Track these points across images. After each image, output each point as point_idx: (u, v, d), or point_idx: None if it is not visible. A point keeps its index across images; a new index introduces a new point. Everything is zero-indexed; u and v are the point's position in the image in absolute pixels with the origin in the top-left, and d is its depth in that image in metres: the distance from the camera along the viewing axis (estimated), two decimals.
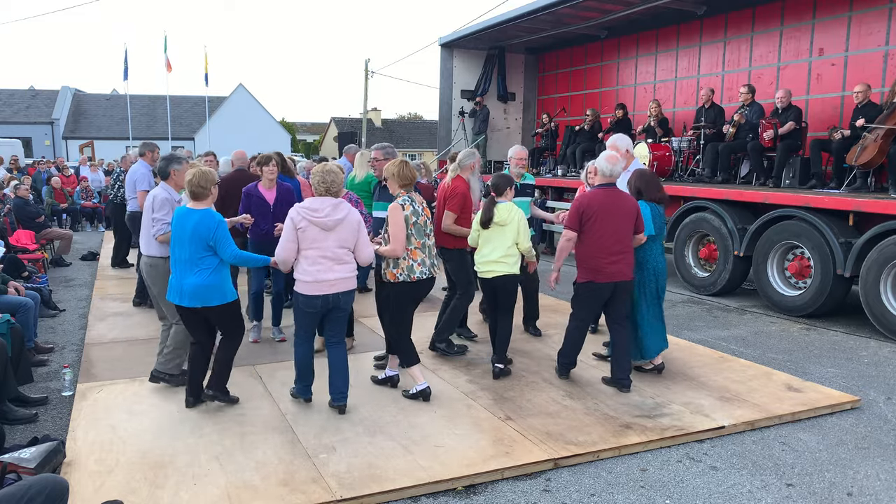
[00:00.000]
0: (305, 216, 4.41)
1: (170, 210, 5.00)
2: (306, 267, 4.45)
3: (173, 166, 5.26)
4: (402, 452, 4.06)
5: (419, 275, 4.86)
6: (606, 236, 5.05)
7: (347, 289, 4.57)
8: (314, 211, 4.42)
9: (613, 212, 5.06)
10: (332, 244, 4.45)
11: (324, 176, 4.47)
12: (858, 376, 5.79)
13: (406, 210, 4.82)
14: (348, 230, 4.50)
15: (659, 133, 10.97)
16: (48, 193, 16.02)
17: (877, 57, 8.75)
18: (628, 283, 5.18)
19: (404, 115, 66.08)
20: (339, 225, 4.45)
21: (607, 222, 5.04)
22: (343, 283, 4.53)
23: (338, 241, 4.46)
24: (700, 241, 9.27)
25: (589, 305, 5.29)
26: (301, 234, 4.41)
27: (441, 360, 5.90)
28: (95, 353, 6.07)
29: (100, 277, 9.82)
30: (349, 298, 4.63)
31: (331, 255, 4.45)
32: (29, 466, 3.55)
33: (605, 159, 5.17)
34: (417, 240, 4.86)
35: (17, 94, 41.92)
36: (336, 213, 4.45)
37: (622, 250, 5.08)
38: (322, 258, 4.44)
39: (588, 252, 5.12)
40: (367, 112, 34.00)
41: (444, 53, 14.66)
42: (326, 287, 4.46)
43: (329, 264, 4.45)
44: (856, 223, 7.38)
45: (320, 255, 4.43)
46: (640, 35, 12.43)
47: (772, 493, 3.74)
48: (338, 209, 4.47)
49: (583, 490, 3.76)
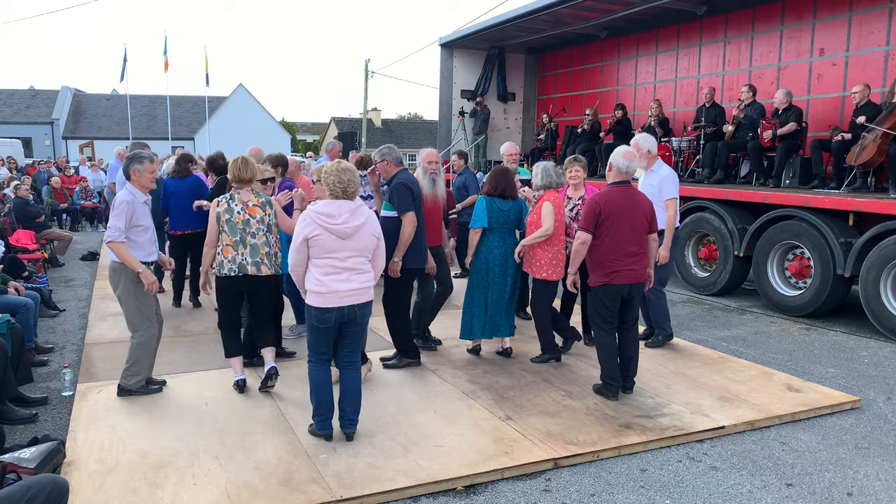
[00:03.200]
0: (321, 223, 3.97)
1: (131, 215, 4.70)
2: (319, 276, 4.01)
3: (133, 166, 4.86)
4: (402, 452, 4.06)
5: (227, 271, 4.91)
6: (624, 237, 4.84)
7: (365, 300, 4.13)
8: (330, 217, 3.98)
9: (630, 210, 4.87)
10: (350, 253, 4.04)
11: (340, 175, 4.04)
12: (858, 376, 5.79)
13: (219, 207, 4.93)
14: (367, 237, 4.10)
15: (659, 133, 10.96)
16: (48, 193, 16.01)
17: (877, 57, 8.74)
18: (642, 284, 5.07)
19: (404, 115, 66.12)
20: (358, 232, 4.05)
21: (624, 222, 4.84)
22: (360, 295, 4.09)
23: (356, 249, 4.06)
24: (700, 241, 9.27)
25: (609, 309, 4.97)
26: (314, 241, 3.99)
27: (441, 360, 5.89)
28: (95, 353, 6.07)
29: (100, 277, 9.80)
30: (366, 311, 4.18)
31: (348, 266, 4.04)
32: (29, 466, 3.55)
33: (621, 155, 4.98)
34: (230, 237, 4.90)
35: (17, 94, 41.95)
36: (355, 219, 4.05)
37: (638, 251, 4.91)
38: (338, 269, 4.03)
39: (603, 254, 4.88)
40: (367, 112, 34.03)
41: (444, 53, 14.66)
42: (341, 298, 4.02)
43: (346, 274, 4.04)
44: (856, 223, 7.38)
45: (335, 264, 4.02)
46: (640, 35, 12.43)
47: (772, 493, 3.74)
48: (356, 214, 4.06)
49: (583, 490, 3.76)
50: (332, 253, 3.99)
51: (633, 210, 4.90)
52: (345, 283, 4.03)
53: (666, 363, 5.86)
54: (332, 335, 4.15)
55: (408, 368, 5.60)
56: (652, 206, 5.07)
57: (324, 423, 4.20)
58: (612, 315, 5.00)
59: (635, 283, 4.96)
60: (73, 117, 41.79)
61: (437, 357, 5.97)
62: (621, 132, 11.52)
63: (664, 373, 5.60)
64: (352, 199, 4.10)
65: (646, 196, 5.13)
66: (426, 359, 5.88)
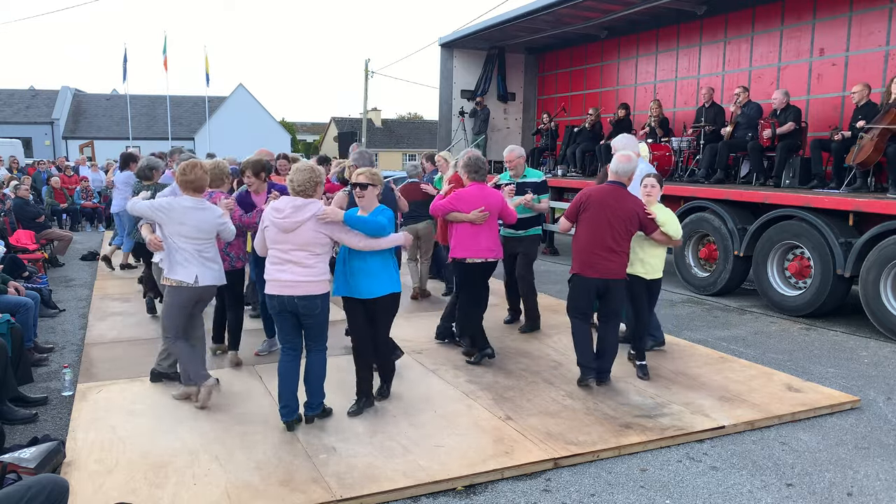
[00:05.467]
0: (268, 215, 4.38)
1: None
2: (267, 265, 4.41)
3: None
4: (402, 452, 4.06)
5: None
6: (602, 231, 5.06)
7: (304, 293, 4.28)
8: (278, 211, 4.33)
9: (610, 207, 5.08)
10: (291, 246, 4.30)
11: (292, 175, 4.36)
12: (858, 376, 5.79)
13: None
14: (309, 233, 4.29)
15: (659, 133, 10.97)
16: (48, 193, 16.02)
17: (877, 57, 8.74)
18: (620, 281, 5.20)
19: (404, 115, 66.15)
20: (300, 227, 4.27)
21: (603, 217, 5.07)
22: (297, 287, 4.27)
23: (297, 244, 4.30)
24: (700, 241, 9.26)
25: (579, 297, 5.24)
26: (266, 232, 4.39)
27: (441, 359, 5.89)
28: (95, 353, 6.06)
29: (100, 277, 9.82)
30: (308, 304, 4.29)
31: (289, 258, 4.30)
32: (29, 466, 3.55)
33: (617, 157, 5.27)
34: None
35: (17, 94, 41.93)
36: (297, 215, 4.27)
37: (617, 249, 5.08)
38: (281, 259, 4.33)
39: (582, 245, 5.17)
40: (367, 112, 34.03)
41: (444, 53, 14.65)
42: (281, 288, 4.30)
43: (288, 266, 4.31)
44: (856, 223, 7.38)
45: (279, 256, 4.33)
46: (640, 35, 12.42)
47: (772, 493, 3.74)
48: (301, 211, 4.28)
49: (583, 490, 3.76)
50: (276, 244, 4.35)
51: (615, 208, 5.09)
52: (283, 274, 4.32)
53: (666, 363, 5.86)
54: (289, 323, 4.41)
55: (408, 369, 5.60)
56: (637, 209, 5.17)
57: (282, 410, 4.40)
58: (585, 305, 5.27)
59: (612, 279, 5.11)
60: (73, 117, 41.77)
61: (437, 357, 5.97)
62: (621, 132, 11.49)
63: (664, 373, 5.60)
64: (306, 197, 4.32)
65: (638, 201, 5.25)
66: (426, 359, 5.88)
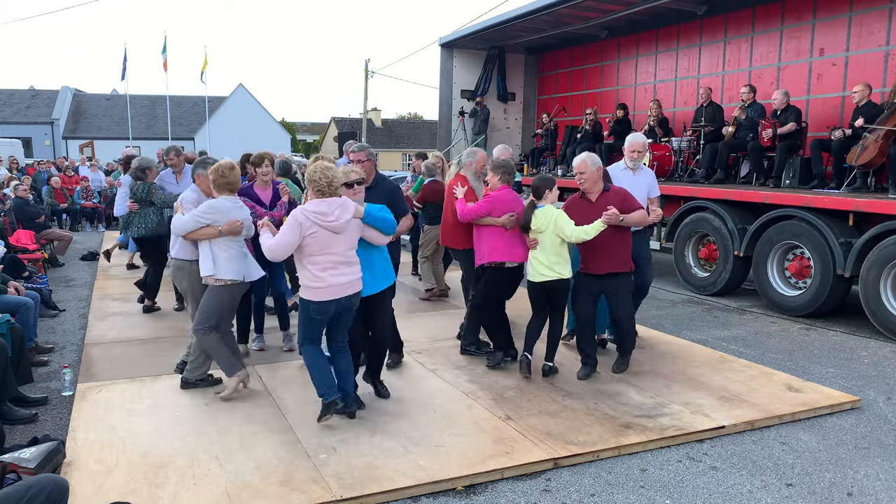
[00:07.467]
0: (315, 220, 4.19)
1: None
2: (317, 273, 4.26)
3: (198, 171, 5.41)
4: (402, 452, 4.06)
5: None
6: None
7: (357, 290, 4.47)
8: (324, 215, 4.21)
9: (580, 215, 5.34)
10: (343, 247, 4.33)
11: (324, 173, 4.26)
12: (858, 376, 5.79)
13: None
14: (356, 229, 4.43)
15: (659, 133, 10.97)
16: (48, 193, 16.01)
17: (877, 57, 8.74)
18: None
19: (404, 115, 66.10)
20: (349, 226, 4.34)
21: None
22: (354, 286, 4.43)
23: (350, 242, 4.39)
24: (700, 241, 9.26)
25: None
26: (311, 238, 4.21)
27: (441, 359, 5.89)
28: (95, 353, 6.06)
29: (100, 277, 9.82)
30: (358, 298, 4.52)
31: (342, 259, 4.34)
32: (29, 466, 3.55)
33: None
34: None
35: (17, 94, 41.93)
36: (345, 214, 4.30)
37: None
38: (334, 263, 4.30)
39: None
40: (367, 112, 34.02)
41: (444, 53, 14.64)
42: (339, 291, 4.32)
43: (341, 268, 4.33)
44: (856, 223, 7.37)
45: (332, 259, 4.28)
46: (640, 35, 12.42)
47: (772, 493, 3.74)
48: (345, 209, 4.31)
49: (583, 490, 3.76)
50: (326, 249, 4.26)
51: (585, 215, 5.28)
52: (339, 277, 4.32)
53: (666, 363, 5.86)
54: (325, 325, 4.47)
55: (408, 369, 5.60)
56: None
57: (330, 391, 4.40)
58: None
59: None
60: (73, 117, 41.77)
61: (437, 357, 5.97)
62: (621, 132, 11.50)
63: (664, 373, 5.60)
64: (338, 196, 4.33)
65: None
66: (426, 359, 5.88)
